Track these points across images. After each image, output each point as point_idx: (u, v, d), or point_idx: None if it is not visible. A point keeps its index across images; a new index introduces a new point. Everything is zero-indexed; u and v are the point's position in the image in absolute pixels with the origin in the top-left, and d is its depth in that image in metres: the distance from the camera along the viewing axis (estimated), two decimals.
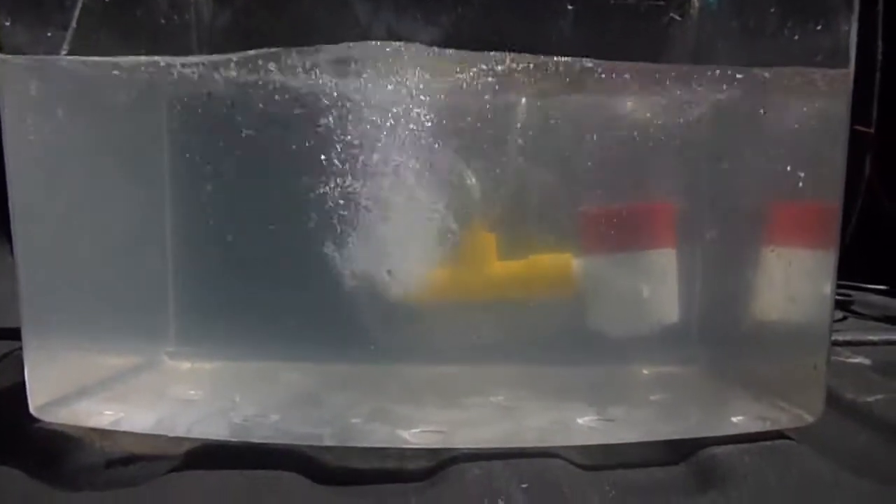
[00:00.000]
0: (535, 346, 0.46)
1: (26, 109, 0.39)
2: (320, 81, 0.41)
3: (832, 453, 0.37)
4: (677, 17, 0.41)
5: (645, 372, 0.48)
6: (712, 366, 0.47)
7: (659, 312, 0.47)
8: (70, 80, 0.41)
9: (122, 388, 0.44)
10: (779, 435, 0.39)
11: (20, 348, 0.39)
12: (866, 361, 0.55)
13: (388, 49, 0.40)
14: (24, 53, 0.38)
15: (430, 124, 0.42)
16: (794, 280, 0.42)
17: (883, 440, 0.41)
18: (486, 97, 0.42)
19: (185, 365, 0.48)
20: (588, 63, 0.41)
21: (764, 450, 0.37)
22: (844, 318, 0.71)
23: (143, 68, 0.41)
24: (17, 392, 0.39)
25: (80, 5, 0.39)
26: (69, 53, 0.39)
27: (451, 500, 0.33)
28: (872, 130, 0.65)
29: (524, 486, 0.33)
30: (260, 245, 0.45)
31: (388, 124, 0.42)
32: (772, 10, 0.40)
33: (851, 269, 0.42)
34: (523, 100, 0.43)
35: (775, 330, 0.44)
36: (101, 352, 0.45)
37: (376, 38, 0.41)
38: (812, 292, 0.42)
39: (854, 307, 0.74)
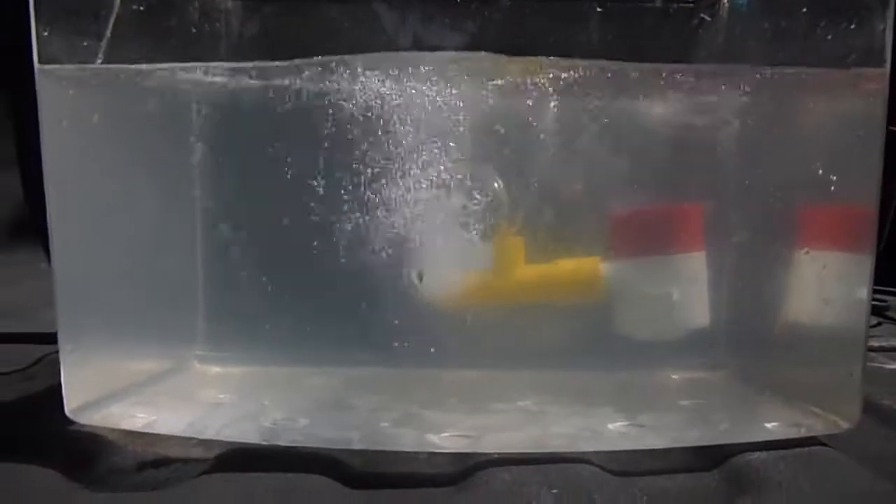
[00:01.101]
0: (563, 350, 0.46)
1: (63, 117, 0.40)
2: (351, 88, 0.41)
3: (869, 461, 0.36)
4: (707, 18, 0.41)
5: (674, 377, 0.47)
6: (744, 371, 0.46)
7: (689, 316, 0.46)
8: (105, 87, 0.41)
9: (153, 392, 0.44)
10: (814, 442, 0.38)
11: (56, 352, 0.40)
12: None
13: (417, 57, 0.40)
14: (60, 63, 0.39)
15: (458, 129, 0.42)
16: (828, 283, 0.42)
17: None
18: (515, 101, 0.42)
19: (215, 369, 0.48)
20: (617, 65, 0.40)
21: (799, 457, 0.36)
22: (879, 323, 0.70)
23: (175, 75, 0.42)
24: (53, 394, 0.39)
25: (114, 15, 0.40)
26: (104, 62, 0.40)
27: None
28: None
29: (554, 491, 0.33)
30: (289, 250, 0.46)
31: (418, 130, 0.42)
32: (803, 9, 0.40)
33: (886, 273, 0.41)
34: (552, 103, 0.43)
35: (809, 334, 0.43)
36: (134, 356, 0.45)
37: (403, 46, 0.41)
38: (847, 296, 0.41)
39: (889, 313, 0.73)
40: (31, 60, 0.38)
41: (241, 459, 0.36)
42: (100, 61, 0.40)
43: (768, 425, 0.40)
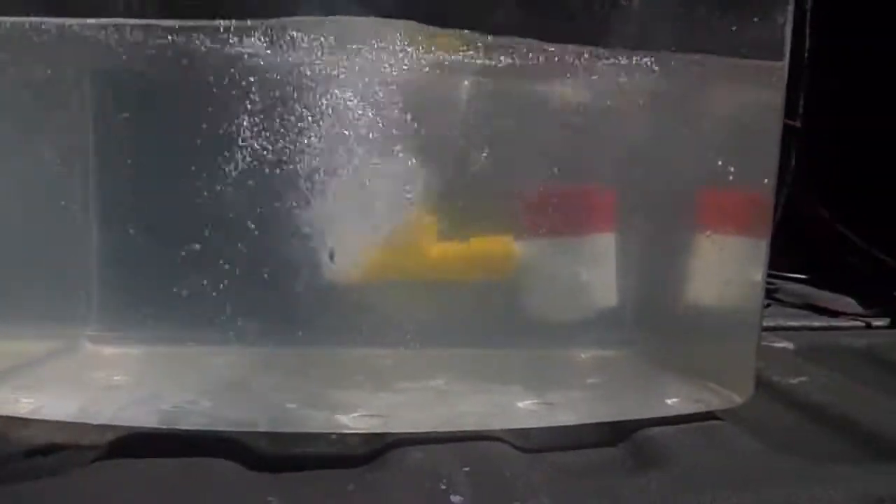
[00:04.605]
0: (473, 329, 0.46)
1: None
2: (259, 54, 0.39)
3: (761, 433, 0.39)
4: (623, 2, 0.41)
5: (582, 356, 0.48)
6: (648, 349, 0.48)
7: (597, 296, 0.47)
8: None
9: (40, 375, 0.41)
10: (710, 416, 0.40)
11: None
12: (790, 346, 0.58)
13: (330, 23, 0.39)
14: None
15: (369, 103, 0.41)
16: (726, 266, 0.44)
17: (808, 420, 0.43)
18: (426, 77, 0.41)
19: (109, 349, 0.45)
20: (528, 44, 0.40)
21: (697, 430, 0.38)
22: (769, 305, 0.74)
23: (66, 32, 0.38)
24: None
25: None
26: None
27: (391, 484, 0.32)
28: (799, 124, 0.68)
29: (466, 469, 0.33)
30: (188, 224, 0.43)
31: (327, 102, 0.41)
32: None
33: (774, 259, 0.44)
34: (465, 81, 0.42)
35: (708, 314, 0.45)
36: (16, 335, 0.42)
37: (325, 12, 0.40)
38: (744, 278, 0.43)
39: (777, 295, 0.78)
40: None
41: (138, 444, 0.35)
42: None
43: (669, 401, 0.41)
